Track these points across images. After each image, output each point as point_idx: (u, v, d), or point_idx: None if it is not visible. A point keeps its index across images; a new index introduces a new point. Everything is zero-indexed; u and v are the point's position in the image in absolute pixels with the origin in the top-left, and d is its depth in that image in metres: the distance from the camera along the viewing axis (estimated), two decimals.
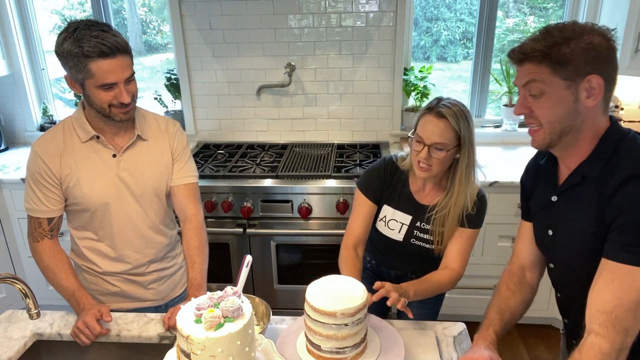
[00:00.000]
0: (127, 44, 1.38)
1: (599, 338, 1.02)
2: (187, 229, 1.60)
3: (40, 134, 3.16)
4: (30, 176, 1.48)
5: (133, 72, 1.42)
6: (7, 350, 1.37)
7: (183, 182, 1.61)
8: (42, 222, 1.50)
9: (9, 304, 2.77)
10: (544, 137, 1.13)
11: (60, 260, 1.51)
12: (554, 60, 1.04)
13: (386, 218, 1.68)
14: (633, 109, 2.72)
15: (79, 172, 1.48)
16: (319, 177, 2.51)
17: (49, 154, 1.46)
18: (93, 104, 1.41)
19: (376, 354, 1.23)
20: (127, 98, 1.39)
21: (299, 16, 2.79)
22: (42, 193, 1.47)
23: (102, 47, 1.30)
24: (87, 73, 1.33)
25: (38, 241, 1.51)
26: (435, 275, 1.60)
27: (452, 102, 1.50)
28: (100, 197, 1.50)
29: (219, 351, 0.97)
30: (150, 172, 1.55)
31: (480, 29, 2.89)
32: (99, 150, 1.50)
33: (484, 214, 1.62)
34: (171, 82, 3.02)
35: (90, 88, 1.37)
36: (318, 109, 2.98)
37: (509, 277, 1.36)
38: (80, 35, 1.31)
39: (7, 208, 2.71)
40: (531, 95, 1.10)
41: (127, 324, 1.48)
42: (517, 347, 2.64)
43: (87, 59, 1.31)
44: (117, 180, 1.51)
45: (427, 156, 1.49)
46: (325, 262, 2.59)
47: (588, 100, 1.06)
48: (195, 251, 1.57)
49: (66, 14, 3.23)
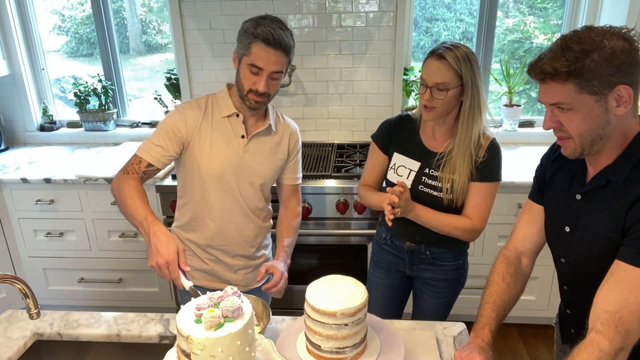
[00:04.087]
0: (291, 47, 1.55)
1: (599, 336, 1.01)
2: (288, 212, 1.82)
3: (40, 134, 3.20)
4: (163, 126, 1.60)
5: (282, 71, 1.55)
6: (7, 350, 1.37)
7: (293, 183, 1.81)
8: (142, 162, 1.58)
9: (9, 304, 2.77)
10: (575, 148, 1.11)
11: (142, 193, 1.53)
12: (579, 77, 1.00)
13: (395, 165, 1.73)
14: None
15: (212, 141, 1.61)
16: (319, 177, 2.51)
17: (191, 116, 1.60)
18: (238, 81, 1.57)
19: (376, 354, 1.23)
20: (262, 87, 1.51)
21: (299, 16, 2.79)
22: (164, 141, 1.58)
23: (270, 36, 1.48)
24: (247, 50, 1.50)
25: (129, 173, 1.56)
26: (450, 215, 1.65)
27: (455, 44, 1.56)
28: (221, 168, 1.61)
29: (219, 351, 0.97)
30: (268, 162, 1.68)
31: (480, 29, 2.89)
32: (234, 127, 1.63)
33: (497, 165, 1.64)
34: (171, 82, 3.03)
35: (243, 65, 1.53)
36: (318, 109, 2.98)
37: (505, 267, 1.35)
38: (262, 21, 1.51)
39: (7, 208, 2.71)
40: (559, 109, 1.07)
41: (127, 324, 1.48)
42: (517, 347, 2.64)
43: (254, 38, 1.49)
44: (239, 159, 1.63)
45: (430, 97, 1.57)
46: (326, 262, 2.59)
47: (618, 109, 1.04)
48: (292, 229, 1.79)
49: (66, 14, 3.23)
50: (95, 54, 3.24)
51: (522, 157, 2.73)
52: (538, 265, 1.40)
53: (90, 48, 3.29)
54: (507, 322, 1.34)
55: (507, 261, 1.36)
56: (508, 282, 1.32)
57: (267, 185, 1.74)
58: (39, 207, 2.68)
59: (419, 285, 1.87)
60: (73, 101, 3.12)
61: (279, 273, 1.61)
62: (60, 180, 2.60)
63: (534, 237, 1.35)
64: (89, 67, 3.29)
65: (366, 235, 2.49)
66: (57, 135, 3.20)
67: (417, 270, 1.83)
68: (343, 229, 2.51)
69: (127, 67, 3.25)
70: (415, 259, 1.81)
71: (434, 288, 1.83)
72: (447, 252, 1.78)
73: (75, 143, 3.17)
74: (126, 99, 3.27)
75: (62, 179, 2.60)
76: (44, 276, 2.85)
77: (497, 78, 2.96)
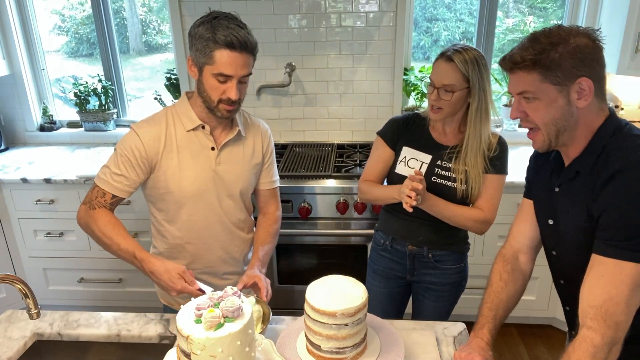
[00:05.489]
0: (255, 46, 1.42)
1: (591, 332, 1.03)
2: (266, 219, 1.72)
3: (40, 134, 3.20)
4: (120, 151, 1.48)
5: (250, 73, 1.44)
6: (7, 350, 1.37)
7: (269, 187, 1.72)
8: (106, 194, 1.49)
9: (9, 304, 2.77)
10: (543, 139, 1.16)
11: (116, 225, 1.49)
12: (544, 66, 1.07)
13: (406, 158, 1.73)
14: (633, 109, 2.72)
15: (180, 160, 1.49)
16: (319, 177, 2.51)
17: (149, 136, 1.47)
18: (203, 93, 1.44)
19: (376, 354, 1.23)
20: (235, 95, 1.41)
21: (299, 16, 2.79)
22: (125, 169, 1.47)
23: (233, 38, 1.35)
24: (210, 59, 1.37)
25: (94, 208, 1.49)
26: (462, 206, 1.67)
27: (466, 47, 1.58)
28: (193, 186, 1.51)
29: (219, 351, 0.97)
30: (243, 170, 1.60)
31: (480, 29, 2.89)
32: (201, 140, 1.52)
33: (506, 158, 1.69)
34: (171, 82, 3.02)
35: (207, 75, 1.40)
36: (318, 109, 2.98)
37: (502, 265, 1.37)
38: (217, 23, 1.36)
39: (7, 208, 2.71)
40: (524, 99, 1.14)
41: (127, 324, 1.48)
42: (517, 347, 2.64)
43: (215, 45, 1.36)
44: (212, 173, 1.53)
45: (437, 98, 1.59)
46: (326, 262, 2.59)
47: (580, 102, 1.10)
48: (269, 237, 1.68)
49: (66, 14, 3.23)
50: (95, 54, 3.24)
51: (522, 157, 2.71)
52: (538, 265, 1.40)
53: (90, 48, 3.29)
54: (507, 322, 1.34)
55: (504, 260, 1.38)
56: (505, 281, 1.33)
57: (247, 194, 1.65)
58: (39, 207, 2.67)
59: (420, 290, 1.87)
60: (73, 101, 3.12)
61: (262, 278, 1.50)
62: (60, 180, 2.60)
63: (527, 231, 1.37)
64: (89, 67, 3.29)
65: (366, 236, 2.49)
66: (57, 135, 3.20)
67: (419, 275, 1.82)
68: (343, 229, 2.51)
69: (127, 67, 3.25)
70: (417, 263, 1.80)
71: (436, 292, 1.83)
72: (449, 255, 1.78)
73: (75, 143, 3.17)
74: (126, 99, 3.27)
75: (62, 179, 2.60)
76: (44, 276, 2.85)
77: (497, 78, 2.96)
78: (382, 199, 1.77)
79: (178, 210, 1.55)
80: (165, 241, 1.62)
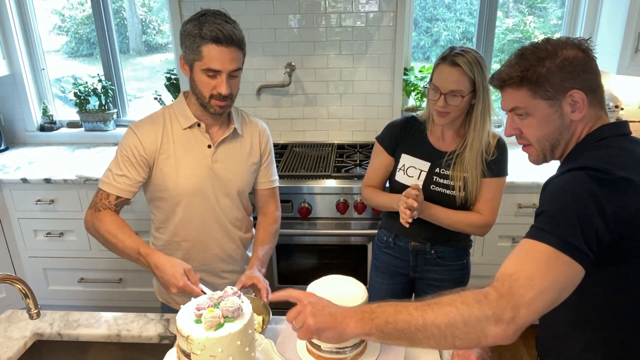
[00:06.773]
0: (242, 40, 1.43)
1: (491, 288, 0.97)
2: (265, 219, 1.73)
3: (40, 134, 3.20)
4: (120, 152, 1.51)
5: (240, 68, 1.45)
6: (7, 350, 1.37)
7: (269, 187, 1.72)
8: (110, 196, 1.51)
9: (9, 304, 2.77)
10: (537, 154, 1.17)
11: (122, 224, 1.51)
12: (532, 82, 1.07)
13: (405, 166, 1.73)
14: (633, 109, 2.72)
15: (176, 157, 1.52)
16: (319, 177, 2.51)
17: (147, 134, 1.50)
18: (195, 89, 1.46)
19: (376, 354, 1.23)
20: (225, 89, 1.42)
21: (299, 16, 2.79)
22: (126, 169, 1.50)
23: (219, 33, 1.36)
24: (198, 55, 1.39)
25: (100, 210, 1.51)
26: (461, 211, 1.67)
27: (465, 49, 1.56)
28: (191, 184, 1.53)
29: (219, 351, 0.97)
30: (240, 168, 1.61)
31: (480, 29, 2.89)
32: (197, 138, 1.54)
33: (505, 160, 1.68)
34: (171, 82, 3.02)
35: (197, 71, 1.42)
36: (318, 109, 2.98)
37: None
38: (204, 20, 1.38)
39: (7, 208, 2.71)
40: (517, 115, 1.13)
41: (127, 324, 1.48)
42: (517, 347, 2.64)
43: (202, 40, 1.37)
44: (209, 171, 1.55)
45: (444, 104, 1.57)
46: (325, 262, 2.59)
47: (574, 114, 1.08)
48: (269, 236, 1.69)
49: (66, 14, 3.24)
50: (95, 54, 3.24)
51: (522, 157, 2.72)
52: None
53: (90, 48, 3.29)
54: None
55: None
56: None
57: (245, 193, 1.66)
58: (39, 207, 2.67)
59: (423, 287, 1.87)
60: (73, 101, 3.12)
61: (260, 279, 1.51)
62: (60, 181, 2.60)
63: None
64: (89, 67, 3.29)
65: (366, 236, 2.49)
66: (57, 135, 3.20)
67: (422, 272, 1.83)
68: (343, 229, 2.51)
69: (127, 67, 3.25)
70: (420, 260, 1.81)
71: (439, 289, 1.79)
72: (452, 251, 1.78)
73: (75, 143, 3.17)
74: (126, 99, 3.27)
75: (62, 179, 2.60)
76: (44, 276, 2.85)
77: None
78: (384, 207, 1.79)
79: (175, 207, 1.56)
80: (161, 238, 1.63)
